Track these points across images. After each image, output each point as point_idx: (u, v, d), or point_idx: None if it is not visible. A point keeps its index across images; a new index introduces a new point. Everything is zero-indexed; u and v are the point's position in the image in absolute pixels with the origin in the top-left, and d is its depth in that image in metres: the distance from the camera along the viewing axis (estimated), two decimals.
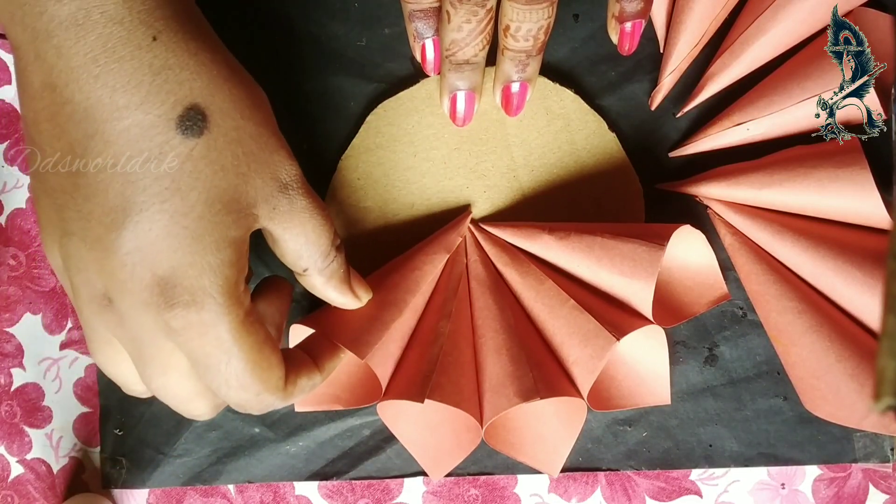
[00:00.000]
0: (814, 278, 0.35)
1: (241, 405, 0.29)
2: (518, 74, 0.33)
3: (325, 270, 0.30)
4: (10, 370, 0.39)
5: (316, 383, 0.31)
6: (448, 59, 0.33)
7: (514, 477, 0.38)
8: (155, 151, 0.26)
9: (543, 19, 0.31)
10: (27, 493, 0.39)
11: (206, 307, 0.26)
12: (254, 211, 0.27)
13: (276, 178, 0.28)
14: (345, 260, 0.31)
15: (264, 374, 0.28)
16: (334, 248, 0.30)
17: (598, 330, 0.34)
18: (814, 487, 0.38)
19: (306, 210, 0.29)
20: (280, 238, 0.29)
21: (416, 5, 0.33)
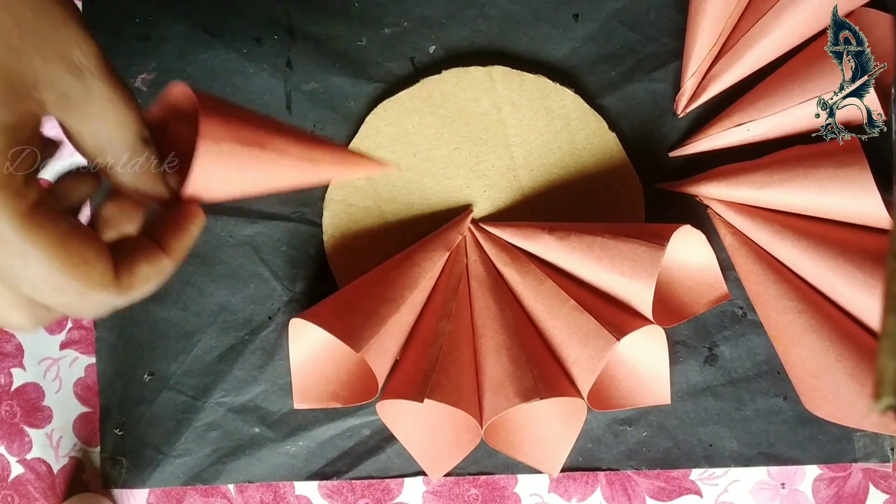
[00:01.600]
0: (814, 278, 0.35)
1: (69, 309, 0.25)
2: None
3: (131, 166, 0.26)
4: (10, 370, 0.39)
5: (164, 268, 0.27)
6: None
7: (515, 477, 0.38)
8: None
9: None
10: (27, 493, 0.39)
11: None
12: (35, 94, 0.23)
13: (63, 58, 0.24)
14: (155, 154, 0.27)
15: (79, 271, 0.24)
16: (142, 142, 0.26)
17: (598, 330, 0.34)
18: (814, 487, 0.38)
19: (106, 98, 0.25)
20: (76, 131, 0.25)
21: None
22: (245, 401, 0.38)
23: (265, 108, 0.38)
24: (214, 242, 0.38)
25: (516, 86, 0.38)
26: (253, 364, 0.38)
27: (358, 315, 0.34)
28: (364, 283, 0.36)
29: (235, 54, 0.38)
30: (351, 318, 0.34)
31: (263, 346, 0.38)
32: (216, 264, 0.38)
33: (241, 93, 0.38)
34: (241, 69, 0.38)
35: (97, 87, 0.24)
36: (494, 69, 0.37)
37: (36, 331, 0.26)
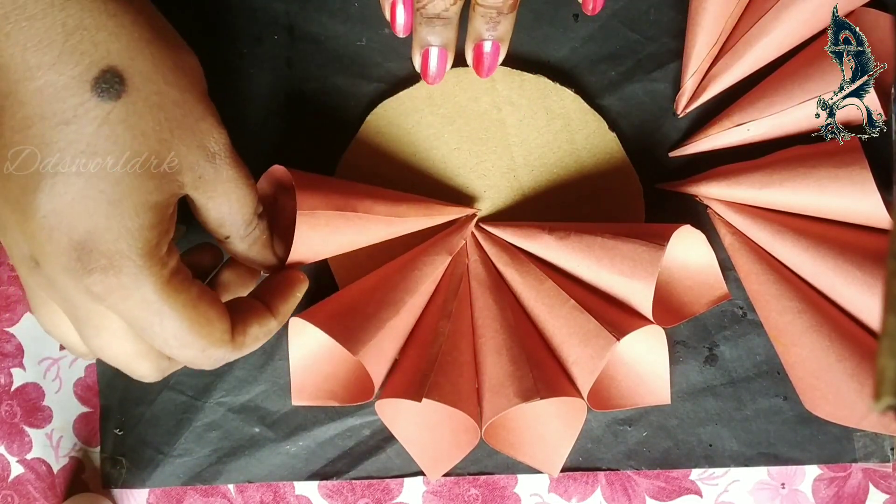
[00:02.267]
0: (814, 278, 0.35)
1: (190, 362, 0.29)
2: (489, 32, 0.32)
3: (247, 238, 0.30)
4: (10, 370, 0.39)
5: (272, 329, 0.31)
6: (419, 13, 0.32)
7: (515, 477, 0.38)
8: (69, 114, 0.25)
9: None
10: (27, 493, 0.39)
11: (124, 271, 0.26)
12: (178, 178, 0.27)
13: (201, 147, 0.28)
14: (266, 227, 0.31)
15: (204, 330, 0.28)
16: (256, 217, 0.30)
17: (598, 330, 0.34)
18: (814, 487, 0.38)
19: (232, 180, 0.29)
20: (203, 206, 0.29)
21: None
22: (245, 401, 0.38)
23: (265, 108, 0.38)
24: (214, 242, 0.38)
25: (516, 86, 0.38)
26: (253, 364, 0.38)
27: (357, 317, 0.34)
28: (364, 285, 0.36)
29: (235, 54, 0.38)
30: (350, 320, 0.34)
31: (263, 346, 0.38)
32: None
33: (241, 93, 0.38)
34: (241, 69, 0.38)
35: (225, 170, 0.28)
36: None
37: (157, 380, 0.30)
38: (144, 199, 0.26)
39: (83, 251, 0.26)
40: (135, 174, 0.26)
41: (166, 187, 0.27)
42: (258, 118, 0.38)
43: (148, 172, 0.26)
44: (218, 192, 0.28)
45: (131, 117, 0.26)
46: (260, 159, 0.39)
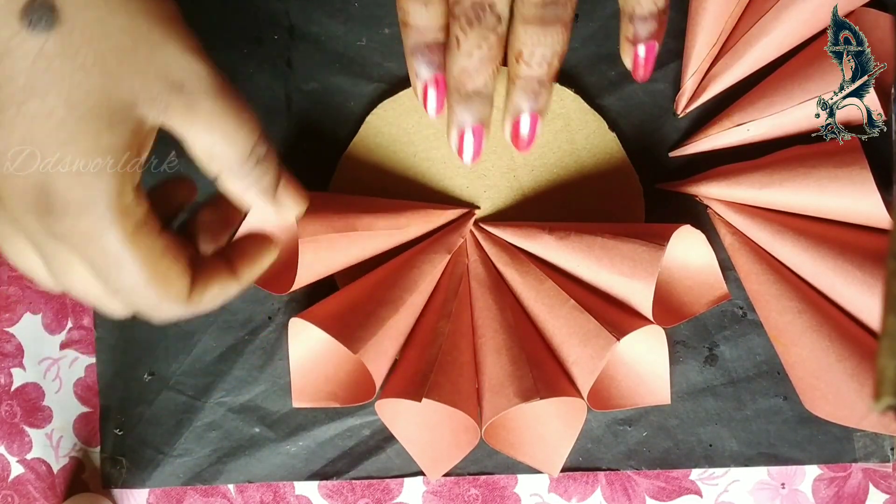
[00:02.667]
0: (814, 278, 0.35)
1: (141, 312, 0.28)
2: (530, 105, 0.30)
3: (244, 178, 0.28)
4: (10, 370, 0.39)
5: (231, 292, 0.29)
6: (456, 91, 0.30)
7: (515, 477, 0.38)
8: (2, 47, 0.23)
9: (558, 44, 0.29)
10: (27, 493, 0.39)
11: (83, 217, 0.25)
12: (134, 113, 0.25)
13: (163, 77, 0.25)
14: (270, 171, 0.29)
15: (161, 287, 0.26)
16: (254, 156, 0.28)
17: (598, 330, 0.34)
18: (814, 487, 0.38)
19: (211, 113, 0.26)
20: (182, 139, 0.27)
21: (418, 38, 0.31)
22: (245, 401, 0.38)
23: (265, 108, 0.38)
24: None
25: None
26: (253, 364, 0.38)
27: (357, 316, 0.34)
28: (364, 284, 0.36)
29: (235, 54, 0.38)
30: (349, 319, 0.34)
31: (263, 346, 0.38)
32: None
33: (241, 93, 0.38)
34: (241, 69, 0.38)
35: (202, 101, 0.26)
36: None
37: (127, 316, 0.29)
38: (94, 142, 0.24)
39: (41, 193, 0.24)
40: (79, 114, 0.24)
41: (120, 126, 0.25)
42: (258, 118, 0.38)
43: (94, 111, 0.24)
44: (197, 124, 0.26)
45: (68, 49, 0.24)
46: None
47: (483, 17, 0.29)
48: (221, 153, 0.27)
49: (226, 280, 0.29)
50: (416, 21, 0.30)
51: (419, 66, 0.31)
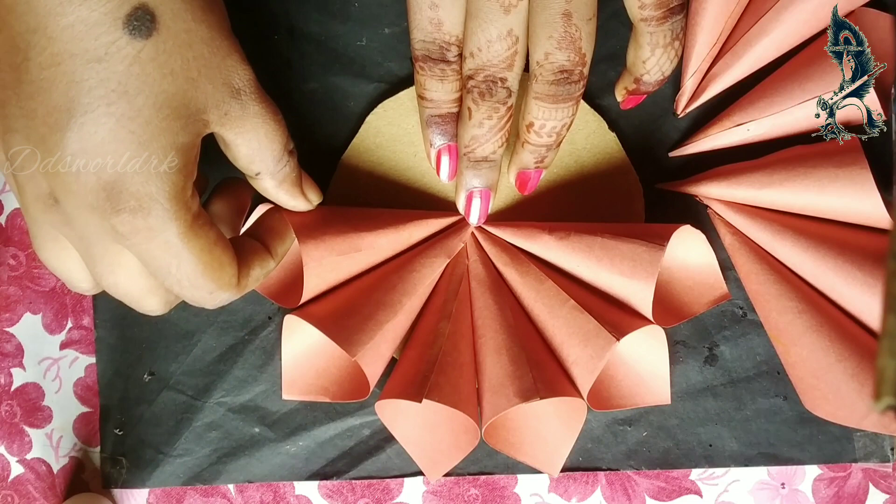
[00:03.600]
0: (814, 278, 0.35)
1: (195, 302, 0.29)
2: (536, 164, 0.34)
3: (278, 174, 0.31)
4: (10, 370, 0.39)
5: (270, 269, 0.32)
6: (466, 157, 0.33)
7: (514, 477, 0.38)
8: (101, 51, 0.25)
9: (567, 117, 0.32)
10: (27, 493, 0.39)
11: (152, 213, 0.26)
12: (203, 116, 0.27)
13: (227, 84, 0.28)
14: (297, 165, 0.32)
15: (216, 274, 0.28)
16: (287, 153, 0.30)
17: (598, 330, 0.34)
18: (814, 487, 0.38)
19: (259, 115, 0.29)
20: (232, 143, 0.29)
21: (434, 110, 0.33)
22: (245, 401, 0.38)
23: None
24: None
25: None
26: (253, 364, 0.38)
27: (354, 318, 0.34)
28: (362, 285, 0.36)
29: None
30: (347, 320, 0.34)
31: (263, 346, 0.38)
32: None
33: None
34: None
35: (251, 105, 0.29)
36: None
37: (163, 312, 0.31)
38: (172, 139, 0.26)
39: (112, 191, 0.25)
40: (163, 115, 0.26)
41: (192, 127, 0.27)
42: None
43: (176, 112, 0.26)
44: (246, 127, 0.28)
45: (161, 56, 0.26)
46: None
47: (494, 90, 0.31)
48: (264, 152, 0.29)
49: (265, 259, 0.31)
50: (432, 95, 0.33)
51: (433, 136, 0.34)
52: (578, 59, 0.30)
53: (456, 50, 0.32)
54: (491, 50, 0.30)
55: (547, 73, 0.30)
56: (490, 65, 0.30)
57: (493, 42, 0.30)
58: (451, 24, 0.31)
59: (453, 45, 0.32)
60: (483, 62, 0.30)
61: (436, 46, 0.32)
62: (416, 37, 0.32)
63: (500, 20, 0.30)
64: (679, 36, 0.32)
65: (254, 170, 0.30)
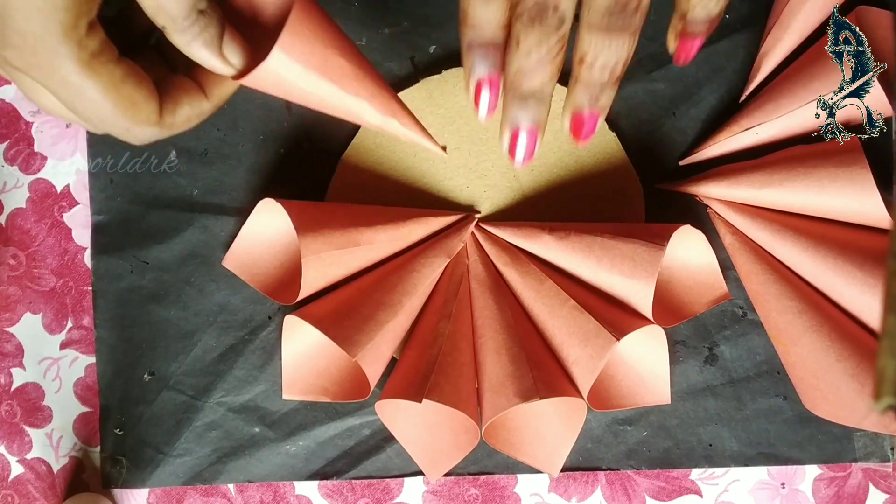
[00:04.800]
0: (814, 278, 0.35)
1: (119, 136, 0.29)
2: (590, 104, 0.30)
3: (186, 32, 0.29)
4: (10, 370, 0.39)
5: (204, 111, 0.31)
6: (512, 90, 0.30)
7: (515, 476, 0.38)
8: None
9: (623, 52, 0.29)
10: (27, 493, 0.39)
11: (38, 50, 0.26)
12: None
13: None
14: (213, 23, 0.30)
15: (129, 111, 0.28)
16: (195, 11, 0.29)
17: (598, 330, 0.34)
18: (814, 487, 0.38)
19: None
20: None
21: (476, 35, 0.30)
22: (245, 401, 0.38)
23: (265, 108, 0.38)
24: (214, 242, 0.38)
25: None
26: (253, 364, 0.38)
27: (354, 318, 0.34)
28: (362, 285, 0.36)
29: None
30: (347, 321, 0.34)
31: (263, 346, 0.38)
32: (216, 264, 0.38)
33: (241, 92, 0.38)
34: None
35: None
36: None
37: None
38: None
39: (1, 25, 0.26)
40: None
41: None
42: (258, 117, 0.38)
43: None
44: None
45: None
46: (260, 157, 0.39)
47: (546, 16, 0.28)
48: (167, 4, 0.28)
49: (196, 97, 0.31)
50: (476, 17, 0.30)
51: (475, 62, 0.30)
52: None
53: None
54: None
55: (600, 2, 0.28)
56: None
57: None
58: None
59: None
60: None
61: None
62: None
63: None
64: None
65: (159, 23, 0.29)
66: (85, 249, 0.39)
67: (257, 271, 0.37)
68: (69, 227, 0.39)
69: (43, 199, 0.40)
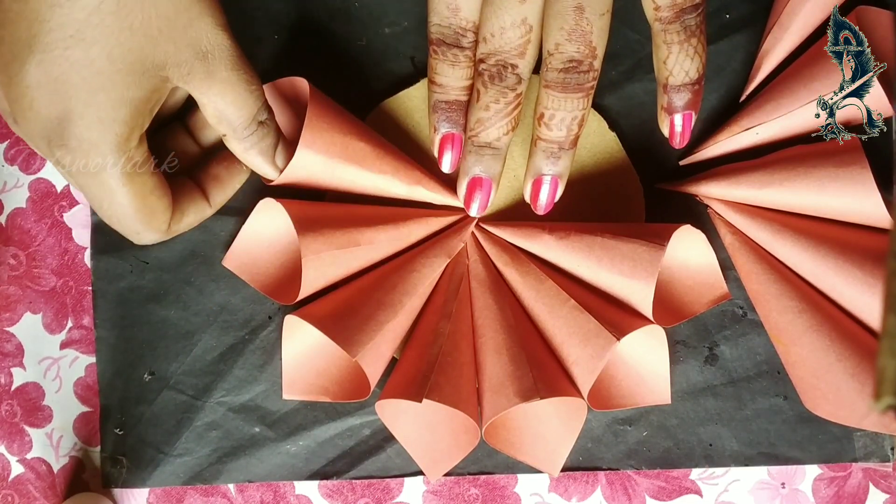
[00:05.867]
0: (814, 278, 0.35)
1: (123, 234, 0.31)
2: (549, 168, 0.33)
3: (245, 140, 0.31)
4: (10, 370, 0.39)
5: (205, 217, 0.34)
6: (471, 140, 0.33)
7: (515, 476, 0.38)
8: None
9: (578, 109, 0.32)
10: (27, 493, 0.39)
11: (90, 156, 0.28)
12: (162, 73, 0.28)
13: (192, 46, 0.28)
14: (270, 134, 0.32)
15: (146, 219, 0.30)
16: (256, 122, 0.31)
17: (599, 330, 0.34)
18: (814, 487, 0.38)
19: (227, 81, 0.29)
20: (198, 101, 0.30)
21: (443, 95, 0.33)
22: (245, 400, 0.38)
23: None
24: (215, 242, 0.38)
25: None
26: (253, 364, 0.38)
27: (354, 318, 0.34)
28: (362, 285, 0.36)
29: None
30: (347, 321, 0.34)
31: (263, 346, 0.38)
32: (216, 264, 0.38)
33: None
34: None
35: (220, 70, 0.29)
36: None
37: None
38: (122, 93, 0.27)
39: (58, 126, 0.27)
40: (116, 67, 0.27)
41: (147, 83, 0.28)
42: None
43: (130, 66, 0.27)
44: (212, 90, 0.29)
45: (122, 10, 0.27)
46: None
47: (504, 75, 0.31)
48: (230, 116, 0.30)
49: (202, 207, 0.33)
50: (443, 79, 0.33)
51: (439, 121, 0.34)
52: (588, 51, 0.31)
53: (472, 36, 0.32)
54: (504, 36, 0.31)
55: (556, 63, 0.31)
56: (502, 50, 0.31)
57: (506, 29, 0.31)
58: (468, 10, 0.32)
59: (469, 31, 0.32)
60: (495, 47, 0.31)
61: (451, 31, 0.32)
62: (433, 20, 0.32)
63: (515, 8, 0.30)
64: (696, 33, 0.32)
65: (221, 130, 0.31)
66: (85, 249, 0.39)
67: (257, 271, 0.37)
68: (69, 227, 0.39)
69: (43, 198, 0.40)
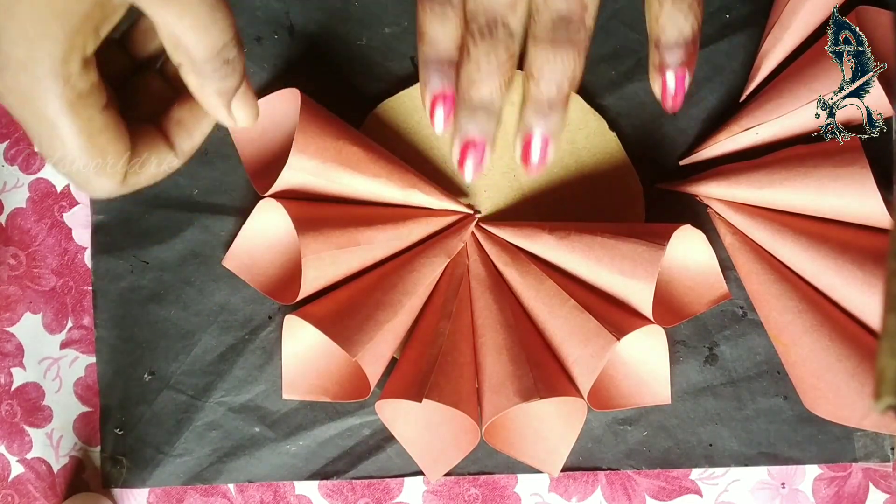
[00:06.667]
0: (814, 278, 0.35)
1: (71, 181, 0.28)
2: (539, 125, 0.30)
3: (202, 76, 0.27)
4: (10, 370, 0.39)
5: (171, 167, 0.29)
6: (462, 101, 0.31)
7: (515, 476, 0.38)
8: None
9: (570, 67, 0.30)
10: (27, 493, 0.39)
11: (20, 77, 0.25)
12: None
13: None
14: (234, 75, 0.28)
15: (94, 161, 0.27)
16: (220, 59, 0.27)
17: (599, 329, 0.34)
18: (814, 487, 0.38)
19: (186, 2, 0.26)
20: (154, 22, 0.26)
21: (432, 52, 0.31)
22: (245, 400, 0.38)
23: None
24: (215, 242, 0.38)
25: (516, 85, 0.37)
26: (253, 364, 0.38)
27: (354, 318, 0.34)
28: (362, 285, 0.36)
29: None
30: (347, 321, 0.34)
31: (263, 346, 0.38)
32: (216, 264, 0.38)
33: None
34: None
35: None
36: None
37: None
38: (50, 5, 0.24)
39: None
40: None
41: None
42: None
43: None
44: (169, 9, 0.25)
45: None
46: None
47: (495, 31, 0.29)
48: (188, 44, 0.26)
49: (164, 154, 0.29)
50: (432, 35, 0.30)
51: (430, 78, 0.31)
52: (579, 7, 0.29)
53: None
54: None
55: (544, 17, 0.29)
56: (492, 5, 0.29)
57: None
58: None
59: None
60: (486, 3, 0.29)
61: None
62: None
63: None
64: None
65: (176, 58, 0.27)
66: (85, 249, 0.39)
67: (257, 271, 0.37)
68: (69, 227, 0.39)
69: (43, 198, 0.40)
